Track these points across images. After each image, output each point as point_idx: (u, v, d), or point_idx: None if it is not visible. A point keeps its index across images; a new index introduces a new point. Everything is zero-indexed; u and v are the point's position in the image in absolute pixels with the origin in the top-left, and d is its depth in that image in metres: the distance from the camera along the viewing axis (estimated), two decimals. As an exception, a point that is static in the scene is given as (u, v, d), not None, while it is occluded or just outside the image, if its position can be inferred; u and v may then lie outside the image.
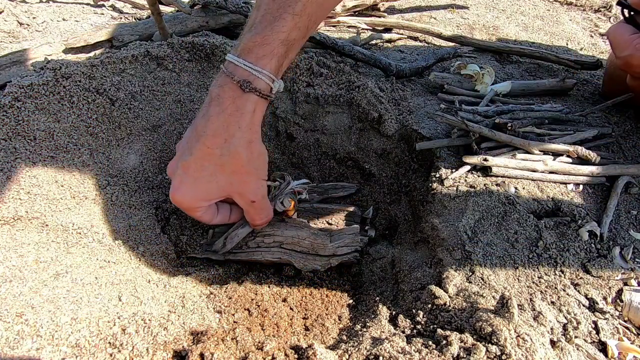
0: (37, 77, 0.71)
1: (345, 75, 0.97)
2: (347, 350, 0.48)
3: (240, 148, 0.55)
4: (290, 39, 0.54)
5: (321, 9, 0.56)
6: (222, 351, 0.46)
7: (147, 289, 0.55)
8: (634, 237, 0.66)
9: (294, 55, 0.58)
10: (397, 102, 0.95)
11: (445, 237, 0.63)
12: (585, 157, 0.73)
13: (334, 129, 0.94)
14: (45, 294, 0.47)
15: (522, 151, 0.75)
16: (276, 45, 0.53)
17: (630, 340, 0.52)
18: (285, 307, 0.61)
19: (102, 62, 0.78)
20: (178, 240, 0.74)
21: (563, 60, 1.15)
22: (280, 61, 0.55)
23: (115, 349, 0.44)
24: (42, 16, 1.50)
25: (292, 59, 0.58)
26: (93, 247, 0.60)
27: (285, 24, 0.53)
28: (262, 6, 0.54)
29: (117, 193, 0.70)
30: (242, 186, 0.59)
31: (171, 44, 0.89)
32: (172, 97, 0.87)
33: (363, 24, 1.49)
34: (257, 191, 0.61)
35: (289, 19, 0.53)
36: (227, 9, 1.19)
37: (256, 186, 0.61)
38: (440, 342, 0.46)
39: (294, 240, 0.68)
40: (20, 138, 0.65)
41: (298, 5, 0.52)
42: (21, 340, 0.41)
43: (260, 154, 0.59)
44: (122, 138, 0.77)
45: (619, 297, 0.57)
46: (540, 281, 0.58)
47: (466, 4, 1.66)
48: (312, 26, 0.56)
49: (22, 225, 0.56)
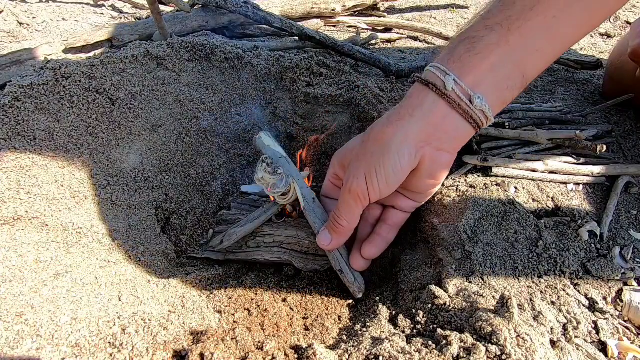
0: (37, 77, 0.71)
1: (345, 75, 0.97)
2: (347, 350, 0.48)
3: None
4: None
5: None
6: (222, 351, 0.46)
7: (147, 289, 0.55)
8: (634, 237, 0.66)
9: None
10: (397, 102, 0.95)
11: (445, 237, 0.63)
12: (591, 148, 0.73)
13: (334, 129, 0.94)
14: (45, 294, 0.47)
15: (523, 151, 0.75)
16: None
17: (630, 340, 0.52)
18: (285, 307, 0.61)
19: (102, 62, 0.78)
20: (178, 240, 0.74)
21: (563, 60, 1.15)
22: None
23: (115, 349, 0.44)
24: (42, 16, 1.50)
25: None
26: (93, 247, 0.60)
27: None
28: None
29: (117, 193, 0.70)
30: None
31: (171, 44, 0.89)
32: (172, 97, 0.87)
33: (363, 24, 1.49)
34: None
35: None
36: (227, 9, 1.19)
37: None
38: (440, 342, 0.46)
39: (294, 240, 0.68)
40: (20, 138, 0.65)
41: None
42: (21, 340, 0.41)
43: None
44: (122, 138, 0.77)
45: (619, 297, 0.57)
46: (540, 281, 0.58)
47: (466, 4, 1.66)
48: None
49: (22, 225, 0.56)
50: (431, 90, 0.52)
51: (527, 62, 0.51)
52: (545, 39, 0.50)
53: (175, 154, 0.85)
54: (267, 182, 0.63)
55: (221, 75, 0.94)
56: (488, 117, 0.52)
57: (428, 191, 0.63)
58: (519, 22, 0.48)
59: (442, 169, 0.58)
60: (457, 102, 0.51)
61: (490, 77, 0.51)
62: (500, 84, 0.51)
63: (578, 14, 0.49)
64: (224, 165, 0.92)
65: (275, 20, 1.13)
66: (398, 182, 0.55)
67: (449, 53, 0.52)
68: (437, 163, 0.55)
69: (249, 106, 0.96)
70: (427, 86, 0.52)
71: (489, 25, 0.50)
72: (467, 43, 0.51)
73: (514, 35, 0.49)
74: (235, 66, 0.95)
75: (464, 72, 0.50)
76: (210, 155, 0.91)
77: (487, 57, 0.50)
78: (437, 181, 0.60)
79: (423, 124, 0.52)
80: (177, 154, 0.86)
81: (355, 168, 0.55)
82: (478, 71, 0.50)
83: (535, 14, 0.48)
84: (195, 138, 0.90)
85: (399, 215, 0.64)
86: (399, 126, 0.52)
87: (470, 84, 0.50)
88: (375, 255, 0.62)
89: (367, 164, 0.54)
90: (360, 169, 0.54)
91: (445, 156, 0.56)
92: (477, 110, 0.51)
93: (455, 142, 0.55)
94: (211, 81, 0.93)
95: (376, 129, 0.55)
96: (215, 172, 0.91)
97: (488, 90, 0.51)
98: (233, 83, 0.95)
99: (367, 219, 0.65)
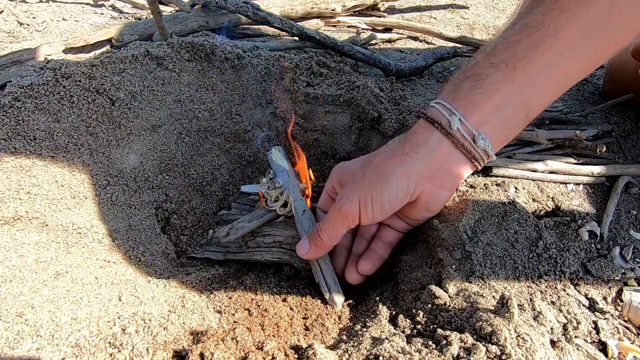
0: (37, 77, 0.71)
1: (345, 75, 0.97)
2: (347, 350, 0.48)
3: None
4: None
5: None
6: (222, 351, 0.46)
7: (147, 289, 0.55)
8: (634, 237, 0.66)
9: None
10: (397, 102, 0.95)
11: (445, 237, 0.63)
12: (591, 148, 0.73)
13: (334, 129, 0.94)
14: (45, 293, 0.47)
15: (523, 151, 0.75)
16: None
17: (630, 340, 0.52)
18: (285, 307, 0.61)
19: (102, 62, 0.78)
20: (178, 240, 0.74)
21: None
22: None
23: (115, 349, 0.44)
24: (42, 16, 1.50)
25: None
26: (93, 247, 0.60)
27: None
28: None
29: (117, 193, 0.70)
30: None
31: (171, 44, 0.89)
32: (172, 97, 0.87)
33: (363, 24, 1.49)
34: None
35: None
36: (227, 9, 1.19)
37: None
38: (440, 342, 0.46)
39: (294, 240, 0.68)
40: (20, 138, 0.65)
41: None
42: (21, 340, 0.41)
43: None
44: (122, 138, 0.77)
45: (619, 297, 0.57)
46: (540, 281, 0.58)
47: (466, 4, 1.66)
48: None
49: (22, 225, 0.56)
50: (436, 129, 0.52)
51: (531, 101, 0.50)
52: (551, 77, 0.49)
53: (175, 154, 0.85)
54: (270, 195, 0.70)
55: (221, 75, 0.94)
56: (490, 156, 0.52)
57: (421, 219, 0.64)
58: (525, 61, 0.47)
59: (439, 204, 0.60)
60: (461, 142, 0.51)
61: (495, 117, 0.50)
62: (503, 124, 0.51)
63: (584, 52, 0.48)
64: (224, 165, 0.92)
65: (275, 20, 1.13)
66: (392, 211, 0.56)
67: (454, 90, 0.52)
68: (434, 199, 0.57)
69: (249, 106, 0.96)
70: (433, 124, 0.52)
71: (494, 62, 0.50)
72: (472, 80, 0.50)
73: (519, 74, 0.48)
74: (235, 66, 0.95)
75: (469, 111, 0.50)
76: (210, 155, 0.91)
77: (492, 96, 0.49)
78: (432, 213, 0.62)
79: (426, 163, 0.52)
80: (177, 154, 0.86)
81: (351, 190, 0.55)
82: (483, 110, 0.50)
83: (540, 52, 0.47)
84: (195, 138, 0.90)
85: (394, 234, 0.66)
86: (402, 160, 0.53)
87: (475, 123, 0.50)
88: (370, 271, 0.63)
89: (363, 190, 0.54)
90: (355, 193, 0.55)
91: (444, 193, 0.57)
92: (479, 150, 0.51)
93: (455, 180, 0.56)
94: (211, 81, 0.93)
95: (378, 158, 0.55)
96: (215, 172, 0.91)
97: (491, 130, 0.51)
98: (233, 83, 0.95)
99: (363, 234, 0.66)
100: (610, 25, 0.46)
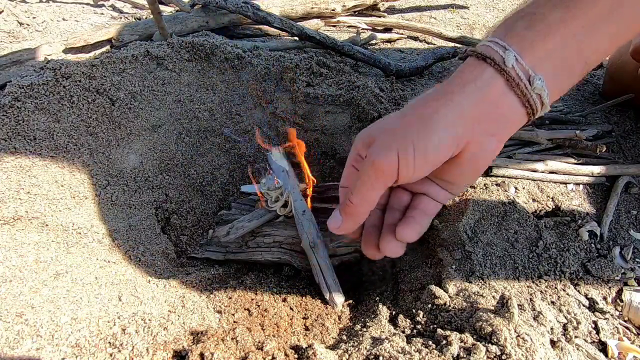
0: (37, 77, 0.71)
1: (345, 75, 0.97)
2: (347, 350, 0.48)
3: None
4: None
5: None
6: (222, 351, 0.46)
7: (147, 289, 0.55)
8: (634, 237, 0.66)
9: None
10: (397, 102, 0.95)
11: (445, 237, 0.63)
12: (591, 148, 0.73)
13: (334, 129, 0.94)
14: (45, 293, 0.47)
15: (523, 151, 0.75)
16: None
17: (630, 340, 0.52)
18: (285, 307, 0.61)
19: (102, 62, 0.78)
20: (178, 240, 0.74)
21: (563, 60, 1.15)
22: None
23: (115, 349, 0.44)
24: (42, 16, 1.50)
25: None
26: (93, 247, 0.60)
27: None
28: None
29: (117, 193, 0.70)
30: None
31: (171, 44, 0.89)
32: (172, 97, 0.87)
33: (363, 24, 1.49)
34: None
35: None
36: (227, 9, 1.19)
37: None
38: (440, 342, 0.46)
39: (294, 240, 0.68)
40: (20, 138, 0.65)
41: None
42: (21, 340, 0.41)
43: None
44: (122, 138, 0.77)
45: (619, 297, 0.57)
46: (540, 281, 0.58)
47: (466, 4, 1.66)
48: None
49: (22, 225, 0.56)
50: (489, 64, 0.47)
51: (591, 46, 0.47)
52: (612, 20, 0.46)
53: (175, 154, 0.85)
54: (270, 195, 0.71)
55: (221, 75, 0.94)
56: (544, 104, 0.48)
57: (465, 182, 0.57)
58: (587, 1, 0.46)
59: (487, 158, 0.51)
60: (517, 82, 0.47)
61: (552, 59, 0.47)
62: (561, 69, 0.48)
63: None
64: (224, 165, 0.92)
65: (275, 20, 1.13)
66: (438, 163, 0.48)
67: (507, 29, 0.48)
68: (483, 149, 0.49)
69: (249, 106, 0.96)
70: (485, 60, 0.47)
71: (552, 2, 0.47)
72: (528, 20, 0.47)
73: (580, 17, 0.45)
74: (235, 66, 0.95)
75: (524, 49, 0.46)
76: (210, 155, 0.91)
77: (550, 36, 0.46)
78: (478, 172, 0.54)
79: (476, 100, 0.46)
80: (177, 154, 0.86)
81: (387, 141, 0.47)
82: (540, 51, 0.46)
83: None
84: (195, 138, 0.90)
85: (432, 204, 0.57)
86: (448, 99, 0.46)
87: (531, 63, 0.47)
88: (412, 238, 0.52)
89: (403, 137, 0.46)
90: (393, 143, 0.46)
91: (494, 143, 0.49)
92: (534, 94, 0.48)
93: (508, 128, 0.49)
94: (211, 81, 0.93)
95: (418, 102, 0.48)
96: (215, 172, 0.91)
97: (548, 74, 0.47)
98: (233, 83, 0.95)
99: (393, 205, 0.58)
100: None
